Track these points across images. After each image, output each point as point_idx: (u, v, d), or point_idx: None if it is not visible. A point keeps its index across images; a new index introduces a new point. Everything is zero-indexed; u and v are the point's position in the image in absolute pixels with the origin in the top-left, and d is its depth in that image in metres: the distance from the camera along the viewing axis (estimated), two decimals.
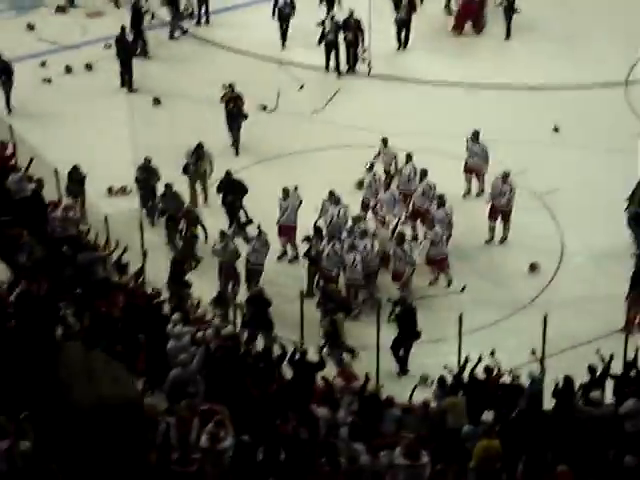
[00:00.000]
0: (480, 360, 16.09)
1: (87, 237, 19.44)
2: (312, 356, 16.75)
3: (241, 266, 19.51)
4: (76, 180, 20.83)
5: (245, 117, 23.29)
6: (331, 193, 20.34)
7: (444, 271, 19.85)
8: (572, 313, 18.71)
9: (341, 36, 26.04)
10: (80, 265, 17.90)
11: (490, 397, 15.74)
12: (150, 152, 21.75)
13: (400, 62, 26.86)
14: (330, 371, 16.72)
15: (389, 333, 17.88)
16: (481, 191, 21.95)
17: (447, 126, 23.53)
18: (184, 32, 27.94)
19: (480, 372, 16.05)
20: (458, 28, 27.70)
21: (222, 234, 19.68)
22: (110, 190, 22.04)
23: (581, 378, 15.90)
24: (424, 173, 20.88)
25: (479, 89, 25.35)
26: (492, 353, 16.18)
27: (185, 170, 21.56)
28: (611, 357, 16.03)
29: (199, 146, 21.53)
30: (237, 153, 23.31)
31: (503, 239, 20.88)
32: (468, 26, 27.83)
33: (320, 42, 26.09)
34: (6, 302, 16.06)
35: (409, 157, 21.28)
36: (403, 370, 18.13)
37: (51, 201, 19.97)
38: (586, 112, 24.28)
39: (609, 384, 16.08)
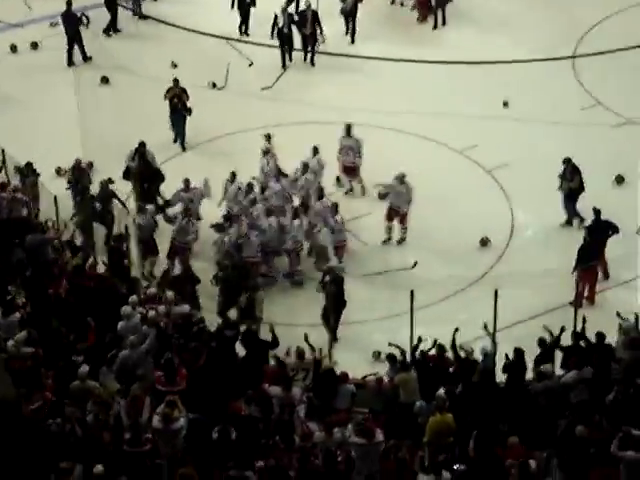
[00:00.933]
0: (436, 342, 16.15)
1: (36, 218, 19.28)
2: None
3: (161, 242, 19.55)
4: (30, 177, 20.38)
5: (189, 112, 22.68)
6: (233, 174, 20.24)
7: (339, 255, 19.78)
8: (523, 287, 18.80)
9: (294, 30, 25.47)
10: (29, 247, 17.76)
11: (442, 373, 15.84)
12: (97, 133, 21.53)
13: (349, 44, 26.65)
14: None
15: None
16: (362, 188, 21.52)
17: (398, 103, 23.59)
18: (135, 14, 27.63)
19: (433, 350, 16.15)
20: (425, 18, 27.36)
21: (140, 207, 19.59)
22: (58, 171, 21.83)
23: (532, 351, 16.05)
24: (305, 167, 20.61)
25: (428, 65, 25.36)
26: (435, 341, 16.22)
27: (126, 174, 20.80)
28: (562, 329, 16.19)
29: (141, 145, 20.82)
30: (183, 149, 22.76)
31: (401, 240, 20.48)
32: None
33: (273, 36, 25.40)
34: None
35: (315, 150, 20.92)
36: (334, 338, 18.07)
37: None
38: (534, 86, 24.36)
39: (559, 356, 16.27)
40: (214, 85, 24.81)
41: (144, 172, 20.65)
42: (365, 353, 17.87)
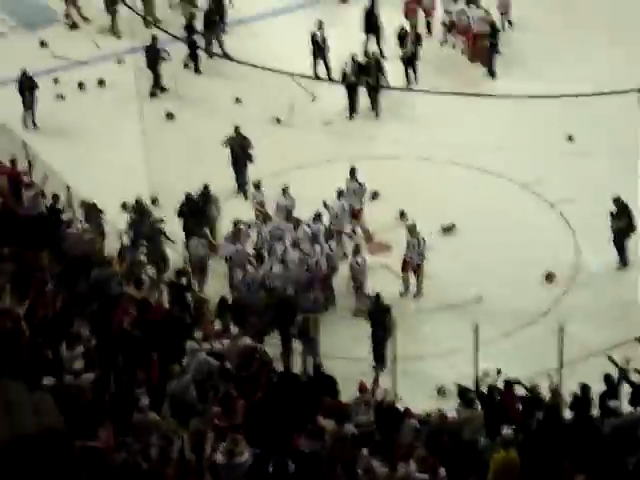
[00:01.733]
0: (499, 373, 16.03)
1: (101, 253, 19.47)
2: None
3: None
4: (94, 216, 20.66)
5: (250, 159, 22.64)
6: (264, 217, 20.42)
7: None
8: (588, 322, 18.67)
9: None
10: (95, 281, 17.93)
11: (508, 411, 15.67)
12: (162, 168, 21.82)
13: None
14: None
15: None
16: (354, 232, 21.27)
17: (461, 139, 23.61)
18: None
19: (499, 385, 16.00)
20: (475, 57, 27.02)
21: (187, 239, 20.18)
22: (124, 206, 22.04)
23: (597, 387, 15.84)
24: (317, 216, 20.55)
25: (492, 99, 25.27)
26: (498, 371, 16.09)
27: (181, 213, 20.95)
28: (627, 362, 15.97)
29: (205, 188, 21.01)
30: (245, 197, 22.57)
31: (417, 293, 20.14)
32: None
33: (342, 82, 25.25)
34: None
35: (340, 194, 20.97)
36: (380, 366, 18.20)
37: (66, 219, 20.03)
38: (600, 120, 24.17)
39: (627, 391, 16.04)
40: (278, 120, 24.95)
41: (196, 209, 20.88)
42: (428, 388, 17.77)
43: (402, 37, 26.50)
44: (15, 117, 24.69)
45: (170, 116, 25.29)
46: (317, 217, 20.36)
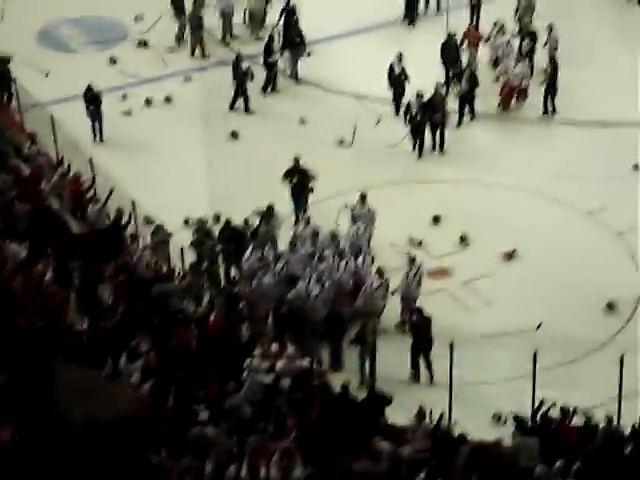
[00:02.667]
0: (554, 404, 15.91)
1: (163, 269, 19.63)
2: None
3: None
4: (159, 234, 20.73)
5: (311, 191, 22.36)
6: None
7: None
8: None
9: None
10: (155, 297, 18.07)
11: (564, 440, 15.52)
12: (224, 188, 22.16)
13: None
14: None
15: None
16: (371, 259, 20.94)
17: (524, 165, 23.51)
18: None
19: (554, 413, 15.87)
20: (507, 107, 25.72)
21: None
22: (187, 222, 22.21)
23: None
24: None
25: (557, 125, 25.19)
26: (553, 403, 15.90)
27: (253, 235, 20.83)
28: None
29: (269, 208, 20.99)
30: (307, 223, 21.48)
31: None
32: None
33: (406, 123, 24.45)
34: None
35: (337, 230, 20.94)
36: (431, 379, 18.69)
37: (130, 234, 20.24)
38: None
39: None
40: (341, 142, 24.99)
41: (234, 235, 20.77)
42: (484, 414, 17.65)
43: (458, 74, 25.58)
44: (84, 132, 25.00)
45: (234, 135, 25.43)
46: (333, 237, 20.44)
